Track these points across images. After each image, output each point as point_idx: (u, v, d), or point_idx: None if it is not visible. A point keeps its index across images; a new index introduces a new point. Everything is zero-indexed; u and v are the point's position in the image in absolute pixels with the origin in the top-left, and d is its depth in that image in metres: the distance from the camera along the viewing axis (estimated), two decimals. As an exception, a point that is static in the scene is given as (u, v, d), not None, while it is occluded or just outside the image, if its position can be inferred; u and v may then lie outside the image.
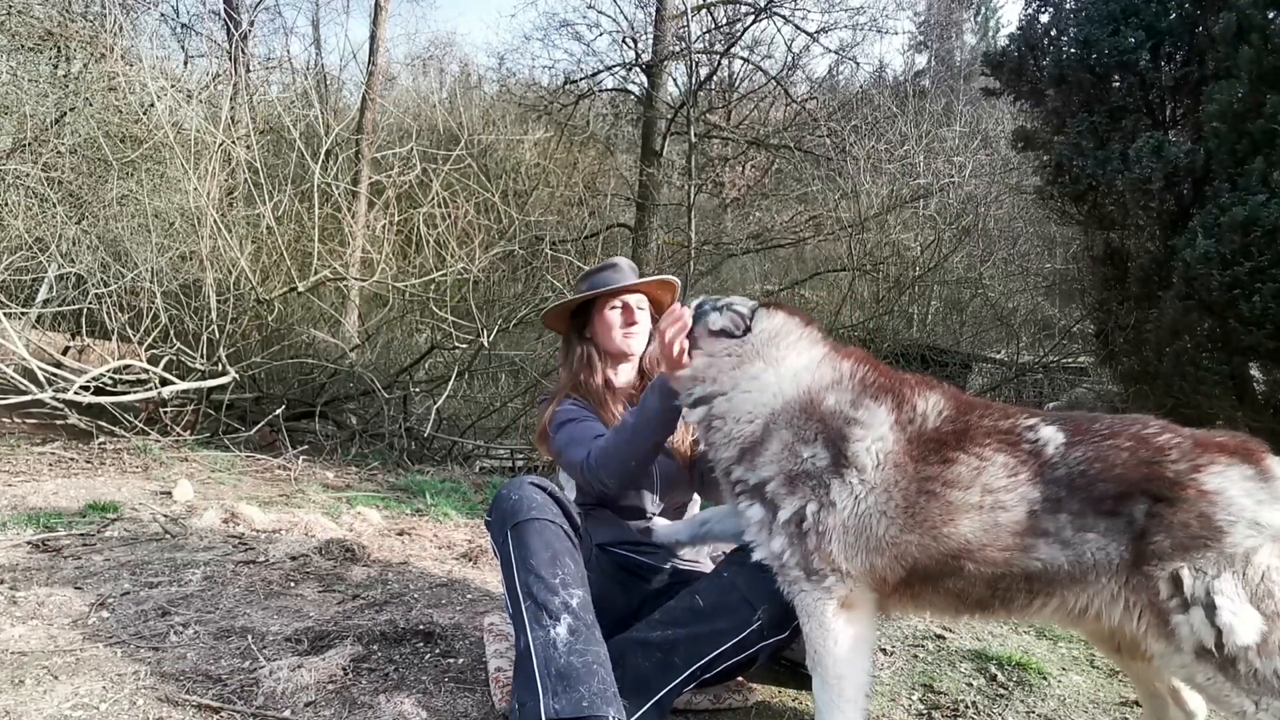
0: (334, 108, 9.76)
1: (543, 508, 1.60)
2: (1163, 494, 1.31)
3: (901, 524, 1.40)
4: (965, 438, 1.42)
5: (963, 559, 1.38)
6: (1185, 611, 1.27)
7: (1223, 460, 1.33)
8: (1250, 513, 1.28)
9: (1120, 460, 1.35)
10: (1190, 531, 1.28)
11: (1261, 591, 1.26)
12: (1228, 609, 1.24)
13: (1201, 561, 1.28)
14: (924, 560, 1.40)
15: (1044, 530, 1.35)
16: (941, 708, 1.84)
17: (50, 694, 1.56)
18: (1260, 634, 1.23)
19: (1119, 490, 1.33)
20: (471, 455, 6.45)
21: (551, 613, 1.48)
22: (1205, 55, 4.76)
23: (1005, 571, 1.38)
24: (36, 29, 6.25)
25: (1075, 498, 1.35)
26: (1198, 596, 1.26)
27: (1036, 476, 1.37)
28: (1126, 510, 1.32)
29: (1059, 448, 1.39)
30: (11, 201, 5.32)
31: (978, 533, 1.37)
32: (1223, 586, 1.26)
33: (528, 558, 1.54)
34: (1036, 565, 1.36)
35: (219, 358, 5.51)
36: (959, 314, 9.81)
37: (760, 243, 10.78)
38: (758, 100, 13.25)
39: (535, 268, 7.67)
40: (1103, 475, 1.35)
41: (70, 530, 2.82)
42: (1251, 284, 4.09)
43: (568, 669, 1.42)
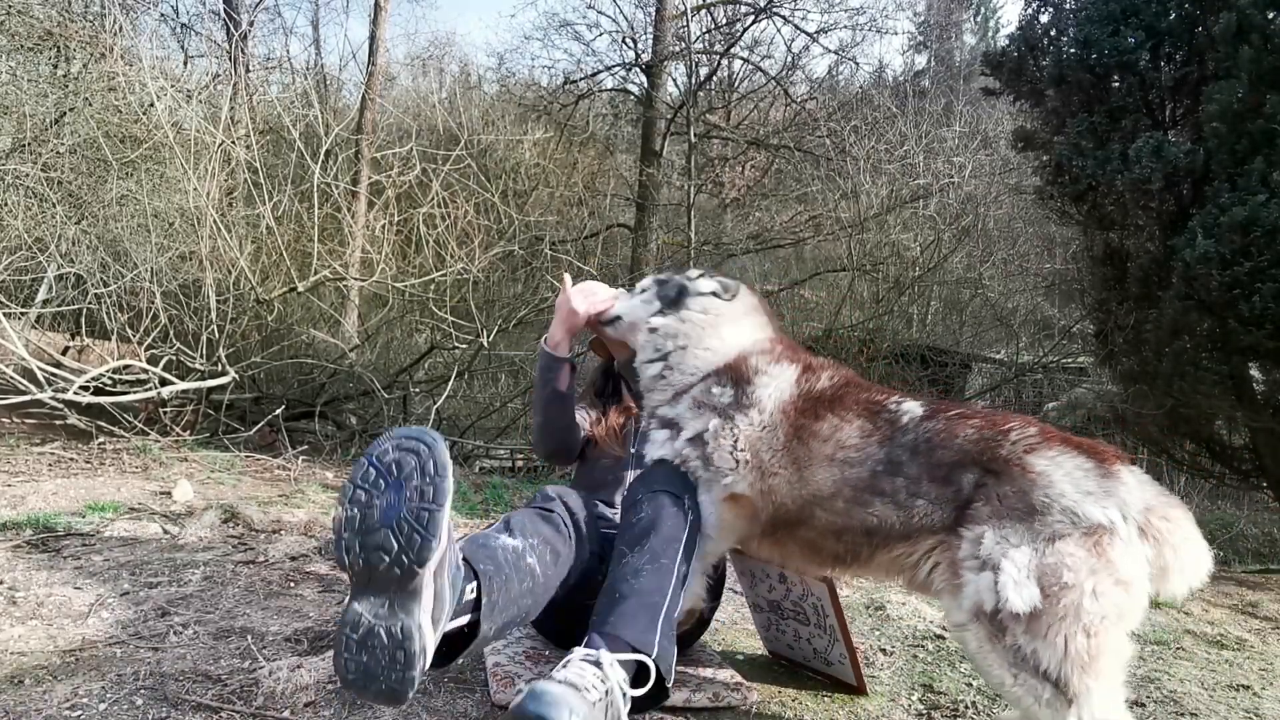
0: (334, 108, 9.75)
1: (549, 499, 1.70)
2: (992, 467, 1.40)
3: (779, 460, 1.59)
4: (838, 402, 1.61)
5: (815, 506, 1.54)
6: (977, 572, 1.35)
7: (1058, 448, 1.41)
8: (1069, 500, 1.34)
9: (963, 434, 1.47)
10: (1008, 503, 1.37)
11: (1051, 575, 1.30)
12: (1011, 576, 1.30)
13: (1007, 530, 1.35)
14: (787, 502, 1.58)
15: (881, 490, 1.48)
16: (941, 708, 1.84)
17: (50, 694, 1.56)
18: (1032, 608, 1.28)
19: (954, 459, 1.44)
20: (471, 455, 6.45)
21: (512, 531, 1.56)
22: (1205, 55, 4.76)
23: (847, 524, 1.52)
24: (36, 29, 6.25)
25: (915, 463, 1.47)
26: (992, 560, 1.33)
27: (886, 441, 1.52)
28: (957, 479, 1.43)
29: (913, 419, 1.53)
30: (11, 201, 5.31)
31: (828, 483, 1.53)
32: (1016, 556, 1.32)
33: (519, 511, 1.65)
34: (873, 521, 1.48)
35: (219, 358, 5.51)
36: (959, 314, 9.82)
37: (760, 243, 10.79)
38: (757, 100, 13.25)
39: (535, 268, 7.68)
40: (943, 444, 1.46)
41: (70, 530, 2.82)
42: (1251, 284, 4.09)
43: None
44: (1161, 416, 5.29)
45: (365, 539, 1.22)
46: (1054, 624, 1.28)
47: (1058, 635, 1.28)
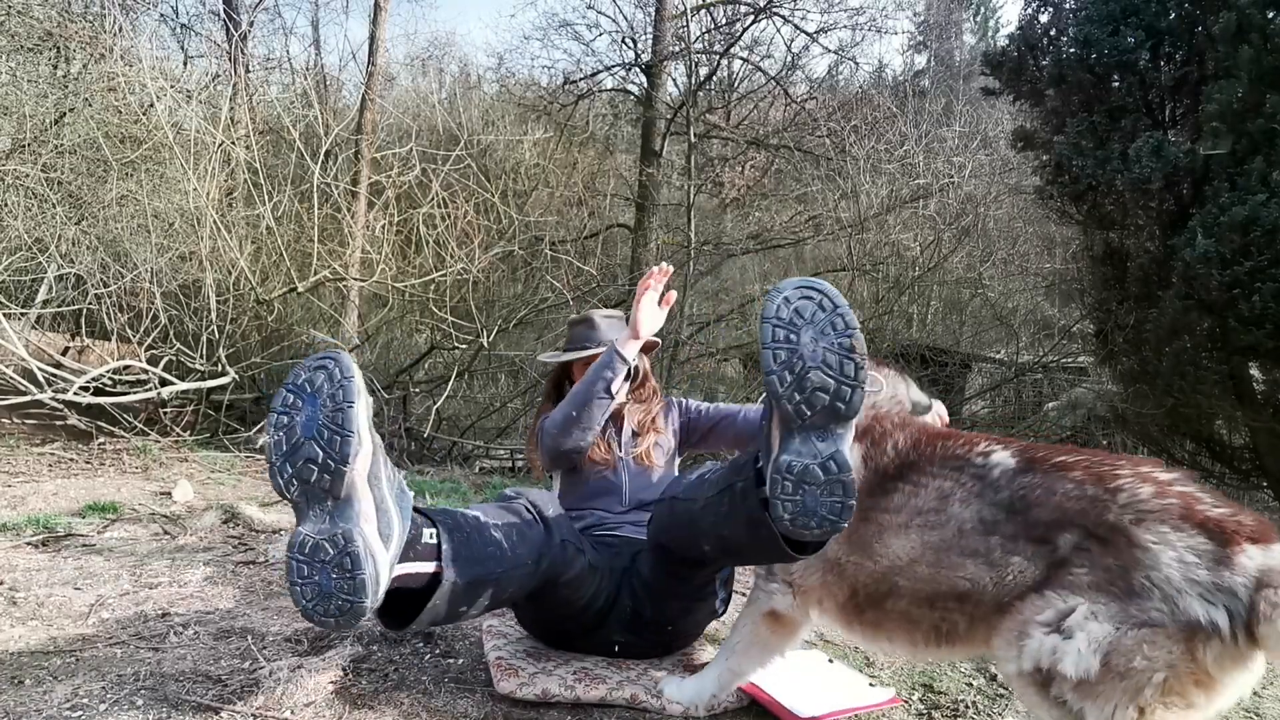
0: (333, 108, 9.74)
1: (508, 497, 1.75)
2: (1097, 533, 1.30)
3: (845, 548, 1.52)
4: (910, 470, 1.52)
5: (896, 576, 1.46)
6: (1046, 634, 1.29)
7: (1172, 523, 1.28)
8: (1172, 589, 1.23)
9: (1062, 490, 1.36)
10: (1111, 577, 1.28)
11: (1122, 655, 1.23)
12: (1078, 647, 1.25)
13: (1101, 607, 1.27)
14: (865, 580, 1.50)
15: (973, 550, 1.39)
16: (941, 708, 1.84)
17: (50, 694, 1.56)
18: (1084, 677, 1.23)
19: (1052, 519, 1.34)
20: (471, 455, 6.45)
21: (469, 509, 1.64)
22: (1205, 55, 4.76)
23: (935, 590, 1.43)
24: (36, 29, 6.25)
25: (1011, 522, 1.38)
26: (1068, 630, 1.27)
27: (973, 498, 1.42)
28: (1054, 538, 1.34)
29: (1005, 473, 1.42)
30: (11, 202, 5.31)
31: (905, 550, 1.45)
32: (1093, 630, 1.25)
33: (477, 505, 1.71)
34: (965, 585, 1.39)
35: (219, 358, 5.51)
36: (959, 314, 9.82)
37: (760, 243, 10.77)
38: (757, 100, 13.25)
39: (535, 268, 7.68)
40: (1041, 502, 1.36)
41: (70, 530, 2.82)
42: (1251, 284, 4.09)
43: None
44: (1161, 416, 5.29)
45: (292, 456, 1.26)
46: (1106, 692, 1.23)
47: (1109, 704, 1.23)
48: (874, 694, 1.82)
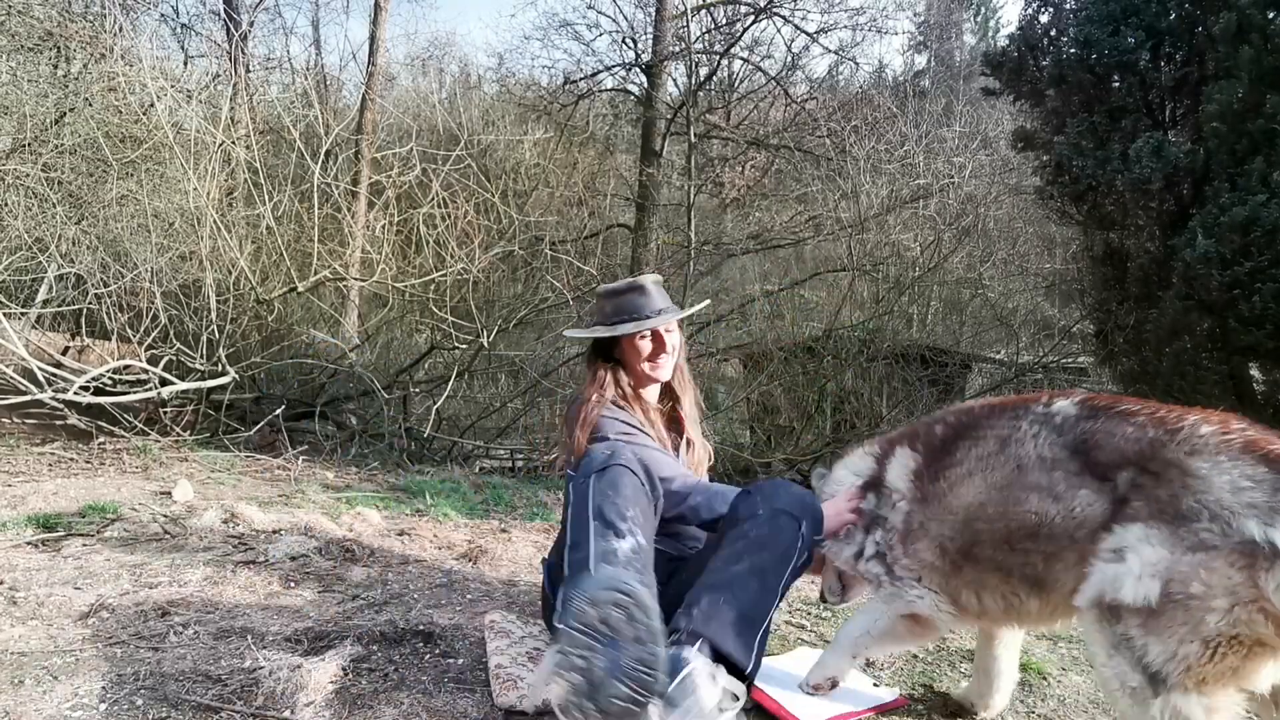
0: (334, 108, 9.75)
1: (634, 464, 1.66)
2: (1152, 468, 1.34)
3: (931, 513, 1.64)
4: (967, 429, 1.64)
5: (975, 522, 1.54)
6: (1107, 562, 1.32)
7: (1230, 452, 1.29)
8: (1224, 509, 1.24)
9: (1122, 432, 1.41)
10: (1162, 506, 1.31)
11: (1179, 581, 1.24)
12: (1133, 569, 1.27)
13: (1154, 531, 1.29)
14: (954, 535, 1.58)
15: (1035, 484, 1.46)
16: (942, 708, 1.84)
17: (50, 694, 1.56)
18: (1145, 604, 1.25)
19: (1112, 459, 1.40)
20: (471, 455, 6.45)
21: (618, 531, 1.51)
22: (1205, 55, 4.77)
23: (1008, 528, 1.49)
24: (36, 29, 6.25)
25: (1074, 460, 1.44)
26: (1123, 553, 1.30)
27: (1032, 439, 1.50)
28: (1114, 476, 1.39)
29: (1067, 418, 1.49)
30: (11, 202, 5.31)
31: (974, 495, 1.55)
32: (1145, 553, 1.28)
33: (606, 489, 1.58)
34: (1033, 518, 1.45)
35: (219, 358, 5.51)
36: (959, 314, 9.82)
37: (760, 243, 10.79)
38: (757, 100, 13.27)
39: (535, 268, 7.68)
40: (1101, 444, 1.42)
41: (70, 530, 2.82)
42: (1251, 284, 4.09)
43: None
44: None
45: (596, 697, 1.29)
46: (1171, 627, 1.24)
47: (1171, 637, 1.24)
48: (879, 694, 1.82)
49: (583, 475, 1.65)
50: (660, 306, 2.02)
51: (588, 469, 1.65)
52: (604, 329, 2.02)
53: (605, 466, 1.63)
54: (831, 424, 7.81)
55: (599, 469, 1.63)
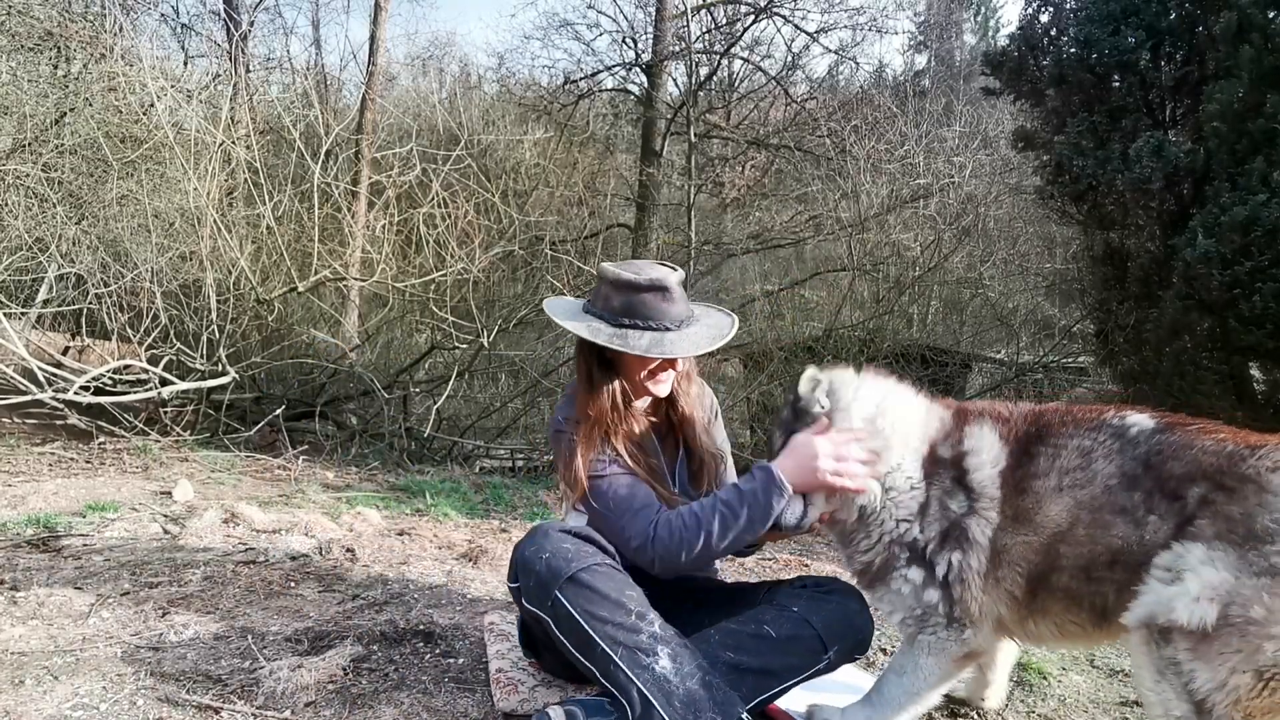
0: (334, 108, 9.75)
1: (579, 555, 1.49)
2: (1225, 483, 1.25)
3: (1013, 529, 1.43)
4: (1047, 432, 1.47)
5: (1059, 544, 1.39)
6: (1161, 582, 1.24)
7: None
8: None
9: (1201, 445, 1.32)
10: (1231, 524, 1.22)
11: (1240, 605, 1.16)
12: (1190, 591, 1.19)
13: (1218, 552, 1.20)
14: (1034, 557, 1.41)
15: (1121, 506, 1.34)
16: (942, 708, 1.84)
17: (50, 694, 1.56)
18: (1201, 628, 1.17)
19: (1185, 472, 1.30)
20: (471, 455, 6.45)
21: (645, 649, 1.41)
22: (1205, 55, 4.76)
23: (1092, 553, 1.36)
24: (36, 29, 6.25)
25: (1148, 476, 1.34)
26: (1181, 573, 1.22)
27: (1113, 454, 1.38)
28: (1185, 492, 1.29)
29: (1142, 431, 1.39)
30: (11, 201, 5.31)
31: (1064, 514, 1.39)
32: (1206, 574, 1.19)
33: (594, 609, 1.44)
34: (1117, 543, 1.34)
35: (219, 358, 5.51)
36: (959, 314, 9.82)
37: (760, 243, 10.78)
38: (757, 100, 13.27)
39: (535, 268, 7.67)
40: (1177, 455, 1.32)
41: (70, 530, 2.82)
42: (1251, 284, 4.09)
43: (689, 696, 1.37)
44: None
45: None
46: (1224, 653, 1.16)
47: (1223, 665, 1.16)
48: None
49: (535, 589, 1.49)
50: (683, 316, 1.67)
51: (537, 582, 1.48)
52: (609, 330, 1.63)
53: (562, 582, 1.46)
54: (832, 424, 7.78)
55: (558, 586, 1.46)
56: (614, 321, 1.64)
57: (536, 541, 1.53)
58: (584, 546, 1.53)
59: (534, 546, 1.52)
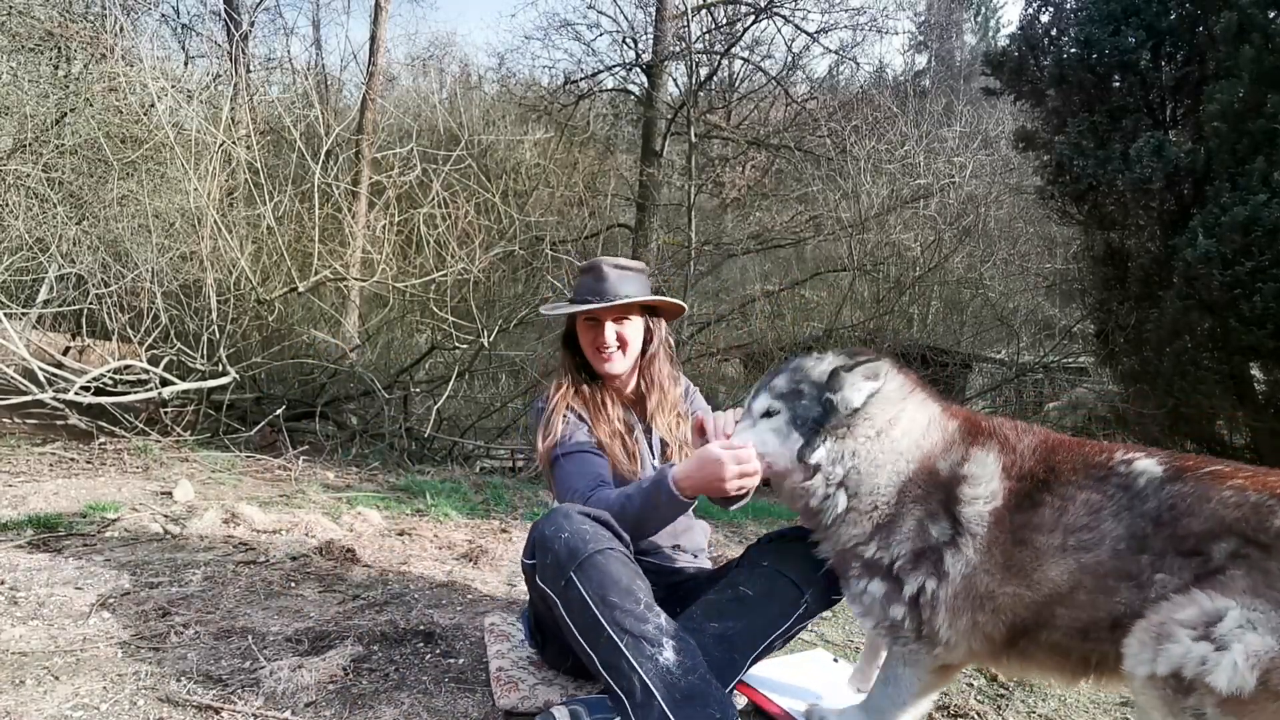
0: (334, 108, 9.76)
1: (597, 537, 1.51)
2: (1260, 540, 1.16)
3: (1002, 579, 1.35)
4: (1053, 477, 1.36)
5: (1055, 605, 1.32)
6: (1194, 640, 1.14)
7: None
8: None
9: (1218, 497, 1.22)
10: (1269, 579, 1.14)
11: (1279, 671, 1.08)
12: (1235, 660, 1.10)
13: (1258, 614, 1.12)
14: (1023, 612, 1.34)
15: (1127, 572, 1.25)
16: (942, 708, 1.84)
17: (50, 694, 1.56)
18: (1236, 694, 1.10)
19: (1206, 529, 1.21)
20: (472, 455, 6.45)
21: (651, 639, 1.41)
22: (1206, 55, 4.76)
23: (1092, 618, 1.29)
24: (36, 29, 6.25)
25: (1159, 535, 1.24)
26: (1222, 640, 1.12)
27: (1122, 511, 1.28)
28: (1207, 549, 1.20)
29: (1152, 481, 1.29)
30: (12, 202, 5.31)
31: (1065, 577, 1.30)
32: (1251, 642, 1.10)
33: (606, 594, 1.44)
34: (1120, 609, 1.25)
35: (219, 358, 5.51)
36: (959, 314, 9.83)
37: (760, 243, 10.79)
38: (758, 100, 13.28)
39: (535, 268, 7.67)
40: (1192, 511, 1.23)
41: (70, 530, 2.82)
42: (1252, 284, 4.09)
43: (690, 689, 1.37)
44: (1162, 416, 5.29)
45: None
46: (1255, 713, 1.10)
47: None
48: None
49: (550, 566, 1.51)
50: (618, 293, 1.88)
51: (554, 559, 1.50)
52: (553, 308, 2.02)
53: (580, 561, 1.48)
54: (832, 424, 7.78)
55: (574, 565, 1.47)
56: (572, 301, 1.95)
57: (556, 521, 1.55)
58: (601, 530, 1.55)
59: (554, 526, 1.54)
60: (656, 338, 1.99)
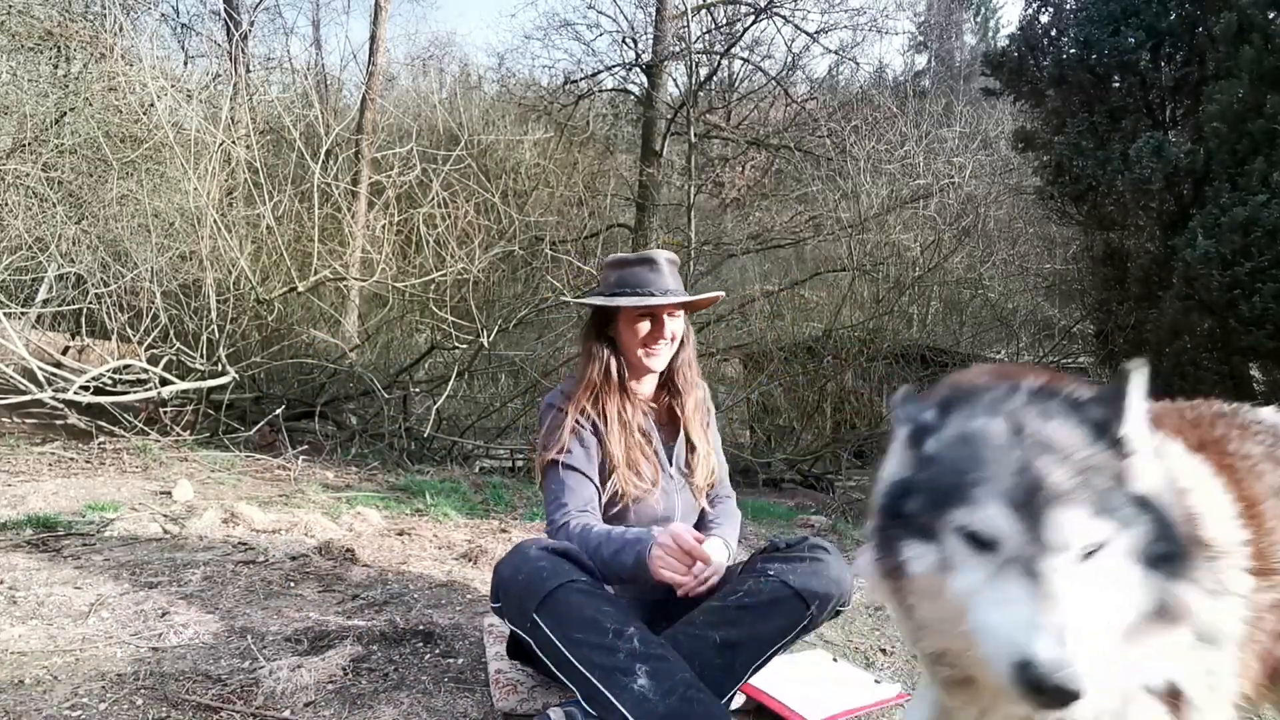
0: (334, 108, 9.75)
1: (555, 573, 1.49)
2: None
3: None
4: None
5: None
6: None
7: None
8: None
9: None
10: None
11: None
12: None
13: None
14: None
15: None
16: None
17: (50, 694, 1.56)
18: None
19: None
20: (471, 455, 6.45)
21: (623, 669, 1.39)
22: (1205, 55, 4.77)
23: None
24: (36, 29, 6.25)
25: None
26: None
27: None
28: None
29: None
30: (11, 201, 5.31)
31: None
32: None
33: (569, 631, 1.44)
34: None
35: (219, 358, 5.51)
36: (959, 314, 9.82)
37: (760, 243, 10.79)
38: (758, 100, 13.29)
39: (535, 268, 7.68)
40: None
41: (69, 530, 2.82)
42: (1251, 284, 4.09)
43: (669, 712, 1.35)
44: (1162, 417, 5.28)
45: None
46: None
47: None
48: (881, 691, 1.82)
49: (512, 608, 1.51)
50: (669, 287, 1.82)
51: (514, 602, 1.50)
52: (601, 299, 1.83)
53: (538, 603, 1.46)
54: (832, 424, 7.81)
55: (534, 606, 1.46)
56: (608, 294, 1.83)
57: (514, 562, 1.55)
58: (561, 564, 1.52)
59: (511, 568, 1.54)
60: (689, 337, 1.95)
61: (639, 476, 1.80)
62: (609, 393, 1.82)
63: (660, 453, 1.87)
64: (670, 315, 1.84)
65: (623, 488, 1.78)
